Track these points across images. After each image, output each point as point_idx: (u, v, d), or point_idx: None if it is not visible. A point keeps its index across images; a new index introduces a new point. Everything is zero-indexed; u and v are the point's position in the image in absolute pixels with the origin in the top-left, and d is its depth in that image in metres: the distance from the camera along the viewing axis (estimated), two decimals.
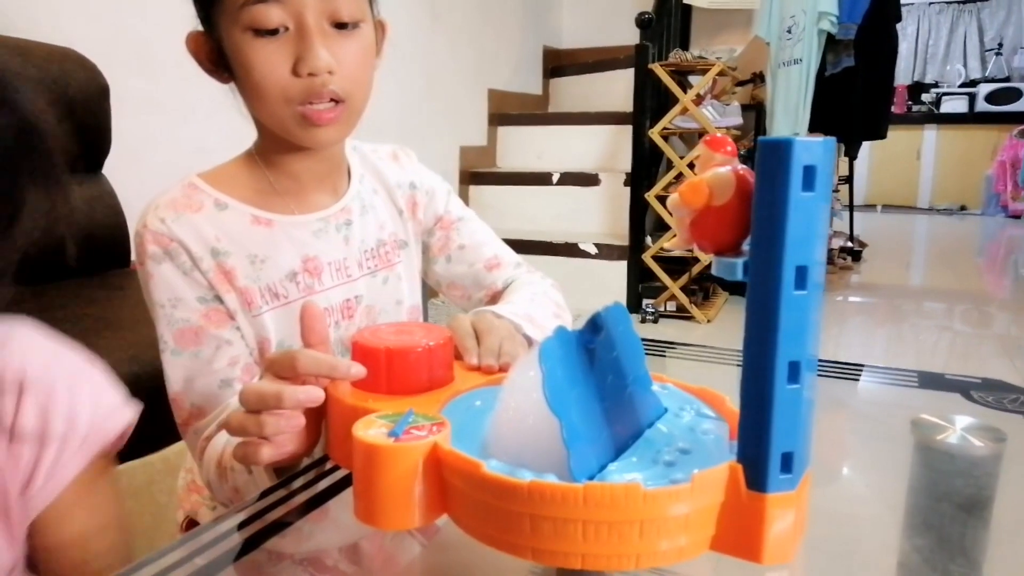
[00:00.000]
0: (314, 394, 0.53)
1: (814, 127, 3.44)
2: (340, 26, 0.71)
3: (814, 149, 0.36)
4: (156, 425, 0.92)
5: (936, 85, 8.23)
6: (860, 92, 3.42)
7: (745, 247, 0.41)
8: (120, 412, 0.64)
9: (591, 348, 0.46)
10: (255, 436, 0.54)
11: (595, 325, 0.46)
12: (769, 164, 0.36)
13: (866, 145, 4.98)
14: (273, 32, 0.69)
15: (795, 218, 0.36)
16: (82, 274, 1.61)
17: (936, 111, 8.06)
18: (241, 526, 0.55)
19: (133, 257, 0.71)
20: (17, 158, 0.53)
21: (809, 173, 0.36)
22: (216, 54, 0.74)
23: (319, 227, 0.81)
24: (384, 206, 0.89)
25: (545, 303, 0.87)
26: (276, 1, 0.68)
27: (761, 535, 0.39)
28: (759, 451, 0.39)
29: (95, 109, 1.65)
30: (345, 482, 0.61)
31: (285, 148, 0.78)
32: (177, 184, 0.78)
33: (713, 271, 0.42)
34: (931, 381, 0.85)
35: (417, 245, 0.92)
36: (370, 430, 0.45)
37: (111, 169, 1.78)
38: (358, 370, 0.54)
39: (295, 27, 0.69)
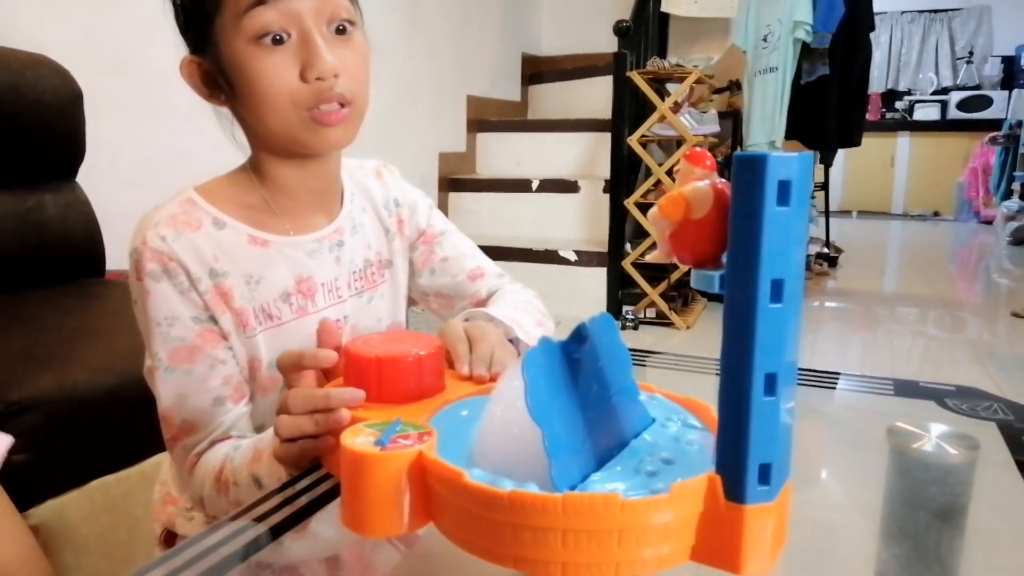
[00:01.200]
0: (358, 395, 0.56)
1: (790, 135, 3.49)
2: (339, 30, 0.73)
3: (789, 164, 0.36)
4: (133, 438, 0.91)
5: (909, 93, 8.36)
6: (835, 100, 3.47)
7: (724, 259, 0.41)
8: None
9: (575, 358, 0.46)
10: (311, 434, 0.58)
11: (579, 335, 0.46)
12: (744, 179, 0.37)
13: (841, 152, 5.05)
14: (277, 41, 0.69)
15: (770, 232, 0.37)
16: (56, 283, 1.59)
17: (909, 118, 8.18)
18: (224, 540, 0.55)
19: (110, 267, 0.71)
20: None
21: (784, 188, 0.36)
22: (212, 76, 0.74)
23: (314, 248, 0.81)
24: (371, 225, 0.89)
25: (529, 310, 0.89)
26: (274, 3, 0.68)
27: (740, 546, 0.39)
28: (737, 462, 0.39)
29: (69, 115, 1.63)
30: (328, 495, 0.60)
31: (284, 164, 0.78)
32: (175, 199, 0.77)
33: (692, 284, 0.43)
34: (906, 389, 0.86)
35: (404, 262, 0.92)
36: (357, 438, 0.45)
37: (85, 176, 1.75)
38: (353, 395, 0.55)
39: (297, 34, 0.70)
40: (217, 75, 0.73)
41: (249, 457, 0.70)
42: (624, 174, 3.35)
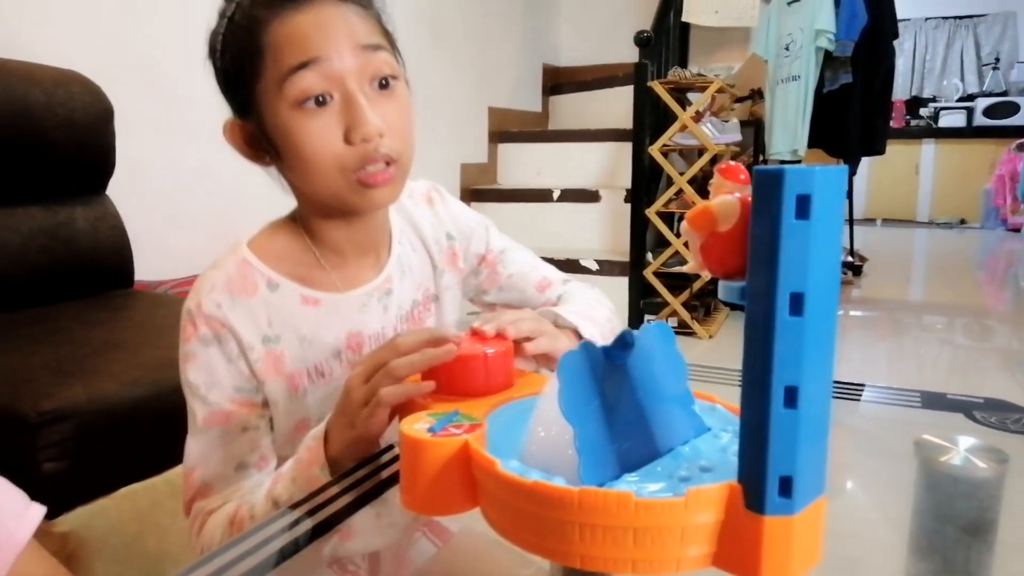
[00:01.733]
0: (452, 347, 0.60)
1: (813, 144, 3.46)
2: (382, 85, 0.71)
3: (809, 178, 0.37)
4: (159, 448, 0.93)
5: (934, 100, 8.27)
6: (858, 108, 3.44)
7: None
8: (24, 519, 0.61)
9: (620, 364, 0.47)
10: (421, 367, 0.61)
11: (624, 342, 0.48)
12: (762, 193, 0.37)
13: (865, 160, 5.00)
14: (320, 103, 0.68)
15: (788, 246, 0.37)
16: (86, 295, 1.62)
17: (934, 125, 8.09)
18: (263, 542, 0.56)
19: (138, 278, 0.72)
20: None
21: (803, 202, 0.37)
22: (255, 138, 0.74)
23: (363, 301, 0.80)
24: (420, 264, 0.88)
25: (595, 308, 0.90)
26: (315, 66, 0.67)
27: (759, 556, 0.39)
28: (756, 473, 0.39)
29: (100, 131, 1.67)
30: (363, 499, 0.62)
31: (330, 219, 0.78)
32: (230, 257, 0.77)
33: (719, 295, 0.44)
34: (934, 401, 0.85)
35: (453, 295, 0.92)
36: (415, 424, 0.50)
37: (115, 190, 1.79)
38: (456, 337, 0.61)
39: (340, 95, 0.69)
40: (261, 139, 0.73)
41: (268, 485, 0.70)
42: (645, 184, 3.35)
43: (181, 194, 2.20)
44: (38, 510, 0.63)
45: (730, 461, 0.46)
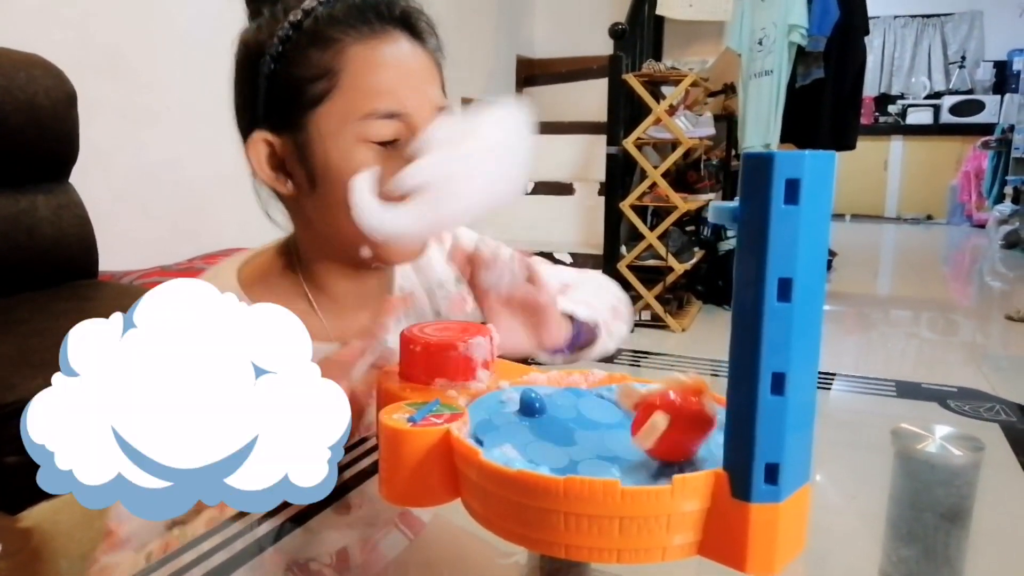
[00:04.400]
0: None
1: (785, 138, 3.49)
2: None
3: (799, 163, 0.36)
4: None
5: (902, 97, 8.40)
6: (830, 103, 3.48)
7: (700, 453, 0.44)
8: None
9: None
10: None
11: (531, 408, 0.50)
12: (752, 178, 0.37)
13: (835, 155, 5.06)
14: (387, 145, 0.64)
15: (777, 231, 0.36)
16: (49, 285, 1.58)
17: (902, 122, 8.22)
18: (230, 539, 0.55)
19: (103, 268, 0.68)
20: None
21: (792, 187, 0.36)
22: (286, 159, 0.67)
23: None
24: (420, 312, 0.82)
25: (606, 296, 0.86)
26: (401, 119, 0.64)
27: (745, 544, 0.39)
28: (743, 460, 0.39)
29: (62, 116, 1.62)
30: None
31: (340, 272, 0.73)
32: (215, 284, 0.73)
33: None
34: (908, 390, 0.86)
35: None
36: (394, 414, 0.48)
37: (78, 177, 1.75)
38: None
39: (405, 142, 0.65)
40: (297, 161, 0.66)
41: None
42: (619, 177, 3.36)
43: (146, 183, 2.15)
44: None
45: (711, 451, 0.46)
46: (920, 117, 8.13)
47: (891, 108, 8.37)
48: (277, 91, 0.65)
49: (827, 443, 0.78)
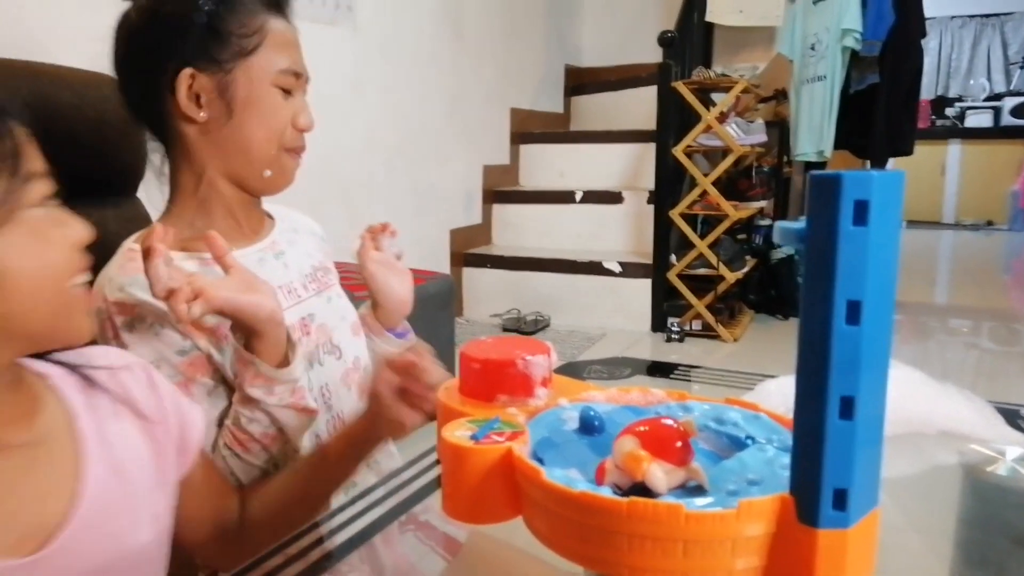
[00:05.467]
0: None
1: (839, 145, 3.42)
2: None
3: (867, 183, 0.36)
4: None
5: (960, 99, 8.15)
6: (885, 108, 3.40)
7: (694, 463, 0.45)
8: (193, 408, 0.71)
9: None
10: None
11: (590, 427, 0.51)
12: (819, 198, 0.36)
13: (891, 160, 4.94)
14: (287, 93, 0.86)
15: (846, 253, 0.36)
16: None
17: (960, 125, 7.97)
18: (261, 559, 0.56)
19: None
20: None
21: (861, 208, 0.36)
22: (206, 93, 0.82)
23: (259, 257, 0.88)
24: (304, 241, 0.98)
25: None
26: (300, 75, 0.87)
27: (812, 570, 0.39)
28: (811, 485, 0.38)
29: (129, 133, 1.68)
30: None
31: (228, 194, 0.87)
32: (116, 256, 0.82)
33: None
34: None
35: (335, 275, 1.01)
36: (456, 431, 0.49)
37: (144, 193, 1.80)
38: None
39: (296, 92, 0.87)
40: (215, 96, 0.82)
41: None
42: (669, 185, 3.33)
43: None
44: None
45: (777, 473, 0.45)
46: (979, 120, 7.87)
47: (948, 111, 8.12)
48: (211, 33, 0.81)
49: (889, 462, 0.76)
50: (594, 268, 3.39)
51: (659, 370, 1.12)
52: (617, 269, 3.36)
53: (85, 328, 0.59)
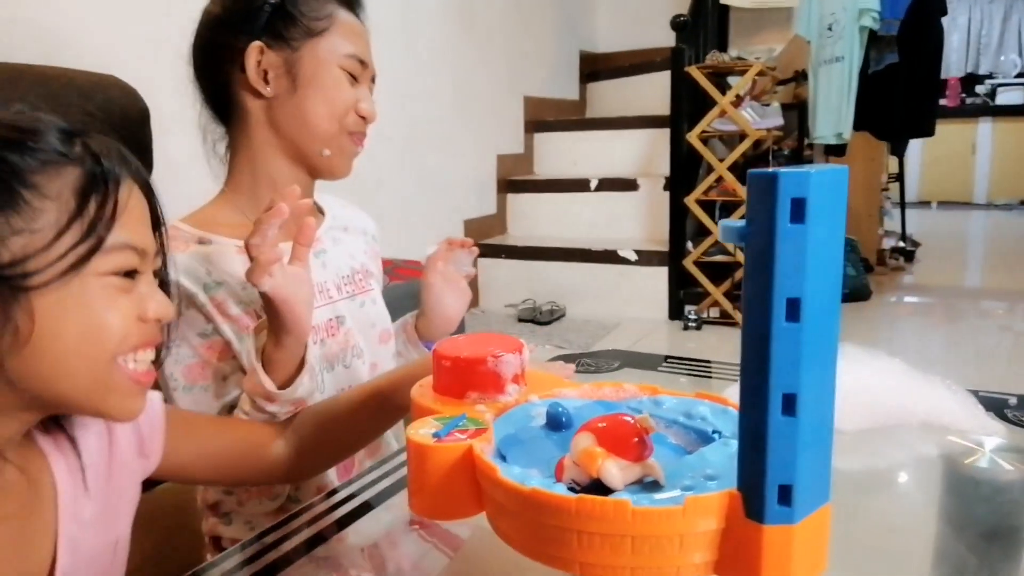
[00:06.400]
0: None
1: (858, 126, 3.37)
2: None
3: (804, 181, 0.36)
4: None
5: (991, 76, 7.96)
6: (904, 89, 3.33)
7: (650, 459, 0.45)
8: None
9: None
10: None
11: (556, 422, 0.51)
12: (757, 197, 0.36)
13: (918, 140, 4.84)
14: (353, 78, 0.89)
15: (784, 250, 0.36)
16: None
17: (991, 103, 7.78)
18: (262, 552, 0.57)
19: None
20: None
21: (798, 205, 0.36)
22: (275, 68, 0.86)
23: None
24: (352, 241, 0.99)
25: None
26: (366, 65, 0.91)
27: (759, 565, 0.39)
28: (755, 482, 0.39)
29: (137, 133, 1.70)
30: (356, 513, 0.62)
31: (293, 168, 0.89)
32: None
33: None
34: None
35: (379, 283, 1.01)
36: (421, 429, 0.50)
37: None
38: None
39: (361, 80, 0.91)
40: (288, 69, 0.86)
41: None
42: (684, 171, 3.30)
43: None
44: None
45: (728, 469, 0.45)
46: (1011, 97, 7.68)
47: (979, 89, 7.93)
48: (280, 19, 0.85)
49: (877, 455, 0.75)
50: (610, 256, 3.37)
51: (651, 367, 1.12)
52: (633, 257, 3.34)
53: (127, 408, 0.54)
